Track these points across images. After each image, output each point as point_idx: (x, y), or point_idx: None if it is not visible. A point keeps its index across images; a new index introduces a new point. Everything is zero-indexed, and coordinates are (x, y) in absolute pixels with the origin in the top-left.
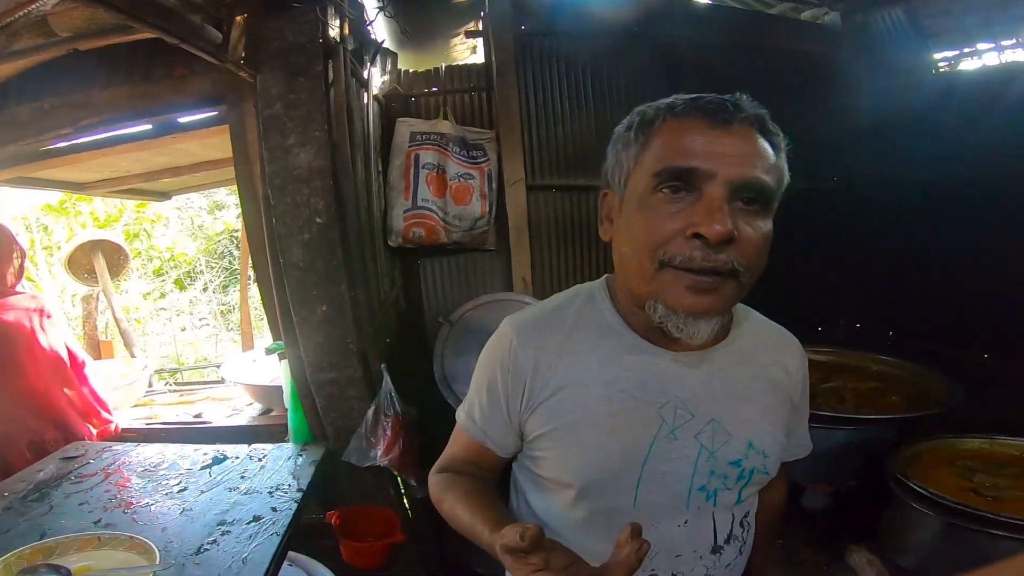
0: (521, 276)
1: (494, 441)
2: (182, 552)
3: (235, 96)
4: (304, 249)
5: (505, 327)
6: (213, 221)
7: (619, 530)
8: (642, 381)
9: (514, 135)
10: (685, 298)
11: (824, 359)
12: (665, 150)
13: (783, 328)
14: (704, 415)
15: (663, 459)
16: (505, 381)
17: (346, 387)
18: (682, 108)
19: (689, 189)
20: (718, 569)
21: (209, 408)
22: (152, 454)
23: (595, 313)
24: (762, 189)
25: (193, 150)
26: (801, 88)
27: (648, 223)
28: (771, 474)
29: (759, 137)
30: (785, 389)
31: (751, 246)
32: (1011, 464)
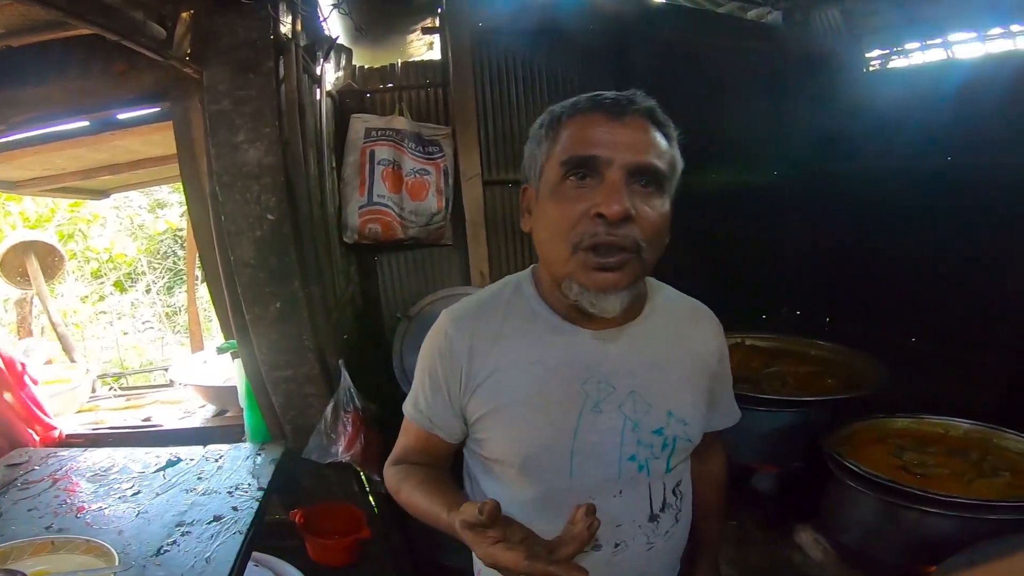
0: (479, 270)
1: (440, 428)
2: (141, 554)
3: (179, 92)
4: (255, 246)
5: (442, 318)
6: (154, 220)
7: (559, 505)
8: (565, 359)
9: (470, 131)
10: (594, 276)
11: (767, 345)
12: (570, 142)
13: (697, 301)
14: (624, 387)
15: (591, 431)
16: (444, 369)
17: (303, 384)
18: (584, 105)
19: (593, 176)
20: (658, 537)
21: (159, 412)
22: (101, 458)
23: (522, 300)
24: (655, 172)
25: (134, 147)
26: (745, 85)
27: (560, 208)
28: (694, 441)
29: (651, 127)
30: (703, 358)
31: (649, 223)
32: (937, 442)
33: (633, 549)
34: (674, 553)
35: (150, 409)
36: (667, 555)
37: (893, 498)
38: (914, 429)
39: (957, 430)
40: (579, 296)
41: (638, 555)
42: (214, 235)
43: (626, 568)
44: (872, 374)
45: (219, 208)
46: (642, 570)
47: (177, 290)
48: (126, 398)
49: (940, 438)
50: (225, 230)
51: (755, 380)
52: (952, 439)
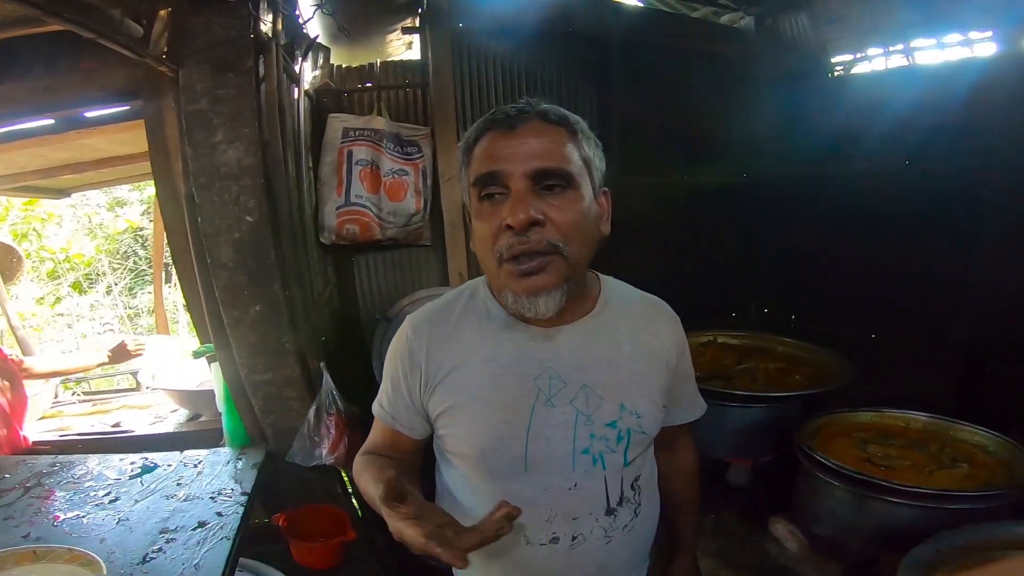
0: (457, 271)
1: (401, 424)
2: (126, 562)
3: (152, 91)
4: (234, 248)
5: (404, 323)
6: (114, 219)
7: (517, 498)
8: (517, 356)
9: (449, 131)
10: (522, 283)
11: (738, 342)
12: (476, 164)
13: (655, 297)
14: (576, 382)
15: (544, 425)
16: (404, 369)
17: (283, 388)
18: (482, 126)
19: (501, 191)
20: (616, 531)
21: (128, 417)
22: (74, 465)
23: (478, 302)
24: (555, 172)
25: (100, 145)
26: (718, 88)
27: (482, 227)
28: (649, 434)
29: (548, 129)
30: (659, 352)
31: (561, 222)
32: (898, 435)
33: (591, 543)
34: (636, 547)
35: (118, 414)
36: (628, 549)
37: (861, 489)
38: (877, 422)
39: (916, 423)
40: (515, 304)
41: (597, 549)
42: (189, 237)
43: (586, 562)
44: (836, 370)
45: (195, 209)
46: (602, 564)
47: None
48: (92, 403)
49: (901, 431)
50: (202, 232)
51: (727, 376)
52: (912, 432)
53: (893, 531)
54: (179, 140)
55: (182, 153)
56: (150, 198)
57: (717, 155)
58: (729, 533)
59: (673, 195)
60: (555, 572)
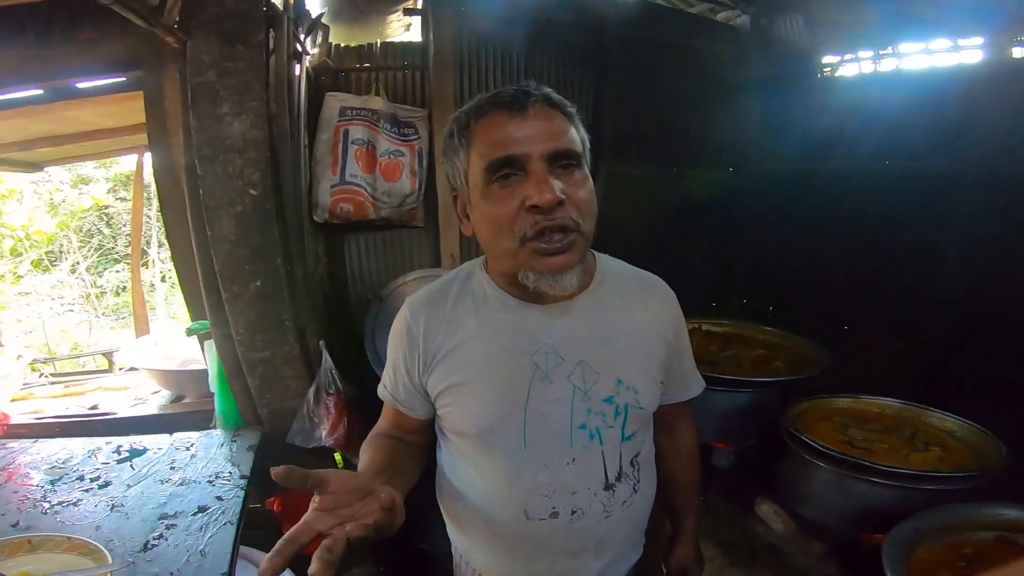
0: (449, 252)
1: (402, 403)
2: (127, 550)
3: (154, 62)
4: (236, 222)
5: (403, 306)
6: (78, 196)
7: (518, 473)
8: (515, 334)
9: (447, 114)
10: (547, 262)
11: (722, 330)
12: (485, 147)
13: (650, 274)
14: (573, 358)
15: (542, 401)
16: (404, 351)
17: (282, 366)
18: (487, 107)
19: (517, 171)
20: (615, 506)
21: (105, 399)
22: (56, 449)
23: (474, 284)
24: (569, 153)
25: (85, 118)
26: (710, 84)
27: (495, 209)
28: (647, 409)
29: (553, 112)
30: (655, 328)
31: (580, 200)
32: (874, 420)
33: (590, 517)
34: (634, 524)
35: (94, 396)
36: (626, 525)
37: (845, 470)
38: (854, 408)
39: (891, 409)
40: (537, 282)
41: (595, 523)
42: (188, 210)
43: (585, 537)
44: (813, 357)
45: (196, 182)
46: (601, 538)
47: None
48: (64, 385)
49: (876, 416)
50: (203, 204)
51: (714, 363)
52: (887, 417)
53: (874, 511)
54: (181, 112)
55: (184, 125)
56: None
57: (706, 149)
58: (717, 514)
59: (662, 186)
60: (555, 547)
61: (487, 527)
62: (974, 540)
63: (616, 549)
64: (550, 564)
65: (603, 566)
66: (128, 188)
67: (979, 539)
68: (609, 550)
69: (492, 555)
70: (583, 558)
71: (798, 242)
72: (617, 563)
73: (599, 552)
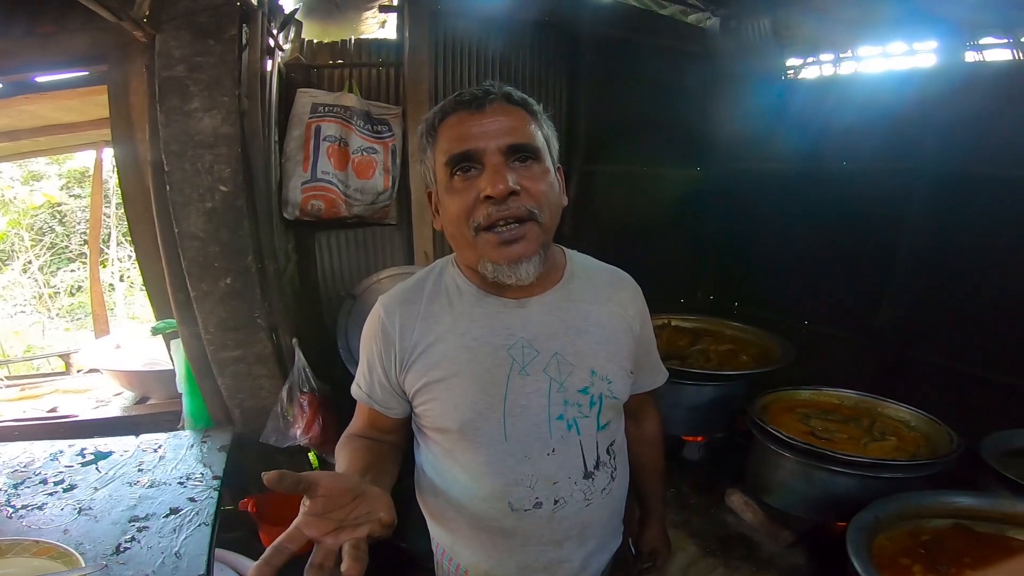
0: (423, 250)
1: (378, 403)
2: (98, 554)
3: (119, 56)
4: (206, 218)
5: (376, 304)
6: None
7: (501, 465)
8: (490, 328)
9: (421, 111)
10: (500, 251)
11: (691, 326)
12: (447, 143)
13: (617, 269)
14: (548, 350)
15: (520, 394)
16: (379, 349)
17: (254, 365)
18: (450, 107)
19: (476, 166)
20: (595, 494)
21: (64, 401)
22: (16, 453)
23: (447, 280)
24: (524, 147)
25: (43, 112)
26: (681, 85)
27: (455, 202)
28: (620, 398)
29: (512, 109)
30: (623, 319)
31: (534, 190)
32: (835, 411)
33: (572, 506)
34: (614, 510)
35: (52, 399)
36: (606, 511)
37: (808, 460)
38: (816, 399)
39: (849, 400)
40: (496, 272)
41: (577, 512)
42: (154, 206)
43: (567, 525)
44: (777, 351)
45: (164, 178)
46: (583, 526)
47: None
48: (20, 388)
49: (836, 407)
50: (171, 200)
51: (683, 357)
52: (846, 408)
53: (836, 499)
54: (147, 107)
55: (151, 120)
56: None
57: (675, 148)
58: (689, 505)
59: (633, 184)
60: (541, 537)
61: (472, 522)
62: (932, 527)
63: (598, 536)
64: (537, 555)
65: (587, 554)
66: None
67: (937, 526)
68: (592, 537)
69: (478, 550)
70: (567, 546)
71: (762, 239)
72: (600, 550)
73: (582, 540)
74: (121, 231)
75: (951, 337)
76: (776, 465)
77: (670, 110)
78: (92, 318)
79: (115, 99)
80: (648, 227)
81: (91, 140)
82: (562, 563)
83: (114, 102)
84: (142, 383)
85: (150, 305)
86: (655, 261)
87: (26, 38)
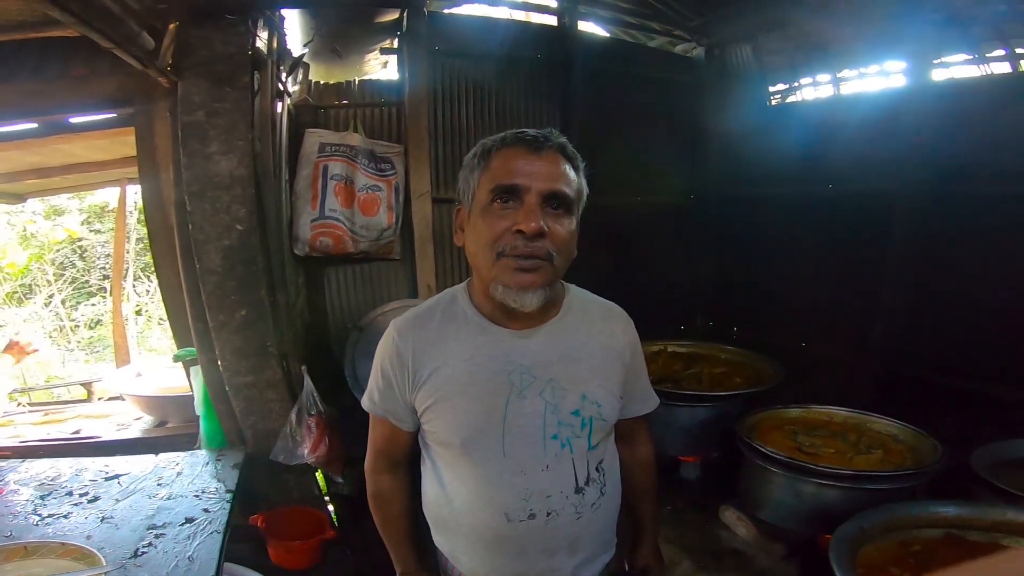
0: (426, 283)
1: (392, 415)
2: (117, 556)
3: (145, 100)
4: (223, 255)
5: (390, 327)
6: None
7: (498, 479)
8: (493, 355)
9: (422, 150)
10: (514, 277)
11: (686, 351)
12: (498, 171)
13: (610, 302)
14: (543, 376)
15: (518, 415)
16: (393, 368)
17: (265, 390)
18: (511, 140)
19: (514, 199)
20: (585, 508)
21: (87, 425)
22: (44, 468)
23: (457, 308)
24: (563, 198)
25: (75, 151)
26: (670, 114)
27: (488, 225)
28: (608, 421)
29: (562, 160)
30: (614, 349)
31: (558, 238)
32: (822, 427)
33: (563, 518)
34: (603, 524)
35: (75, 423)
36: (596, 525)
37: (793, 474)
38: (805, 417)
39: (839, 416)
40: (504, 295)
41: (569, 523)
42: (177, 243)
43: (559, 535)
44: (770, 372)
45: (186, 217)
46: (574, 537)
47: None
48: (43, 413)
49: (825, 424)
50: (192, 238)
51: (677, 380)
52: (835, 424)
53: (824, 511)
54: (171, 149)
55: (174, 161)
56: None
57: (667, 177)
58: (685, 522)
59: (627, 214)
60: (534, 546)
61: (471, 531)
62: (923, 537)
63: (589, 548)
64: (530, 563)
65: (577, 564)
66: (102, 220)
67: (928, 536)
68: (582, 549)
69: (476, 557)
70: (559, 556)
71: (756, 264)
72: (591, 561)
73: (573, 550)
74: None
75: (943, 353)
76: (765, 480)
77: (661, 140)
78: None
79: (142, 141)
80: (643, 257)
81: (116, 177)
82: (554, 571)
83: (141, 144)
84: (161, 408)
85: (172, 334)
86: (652, 289)
87: (59, 80)
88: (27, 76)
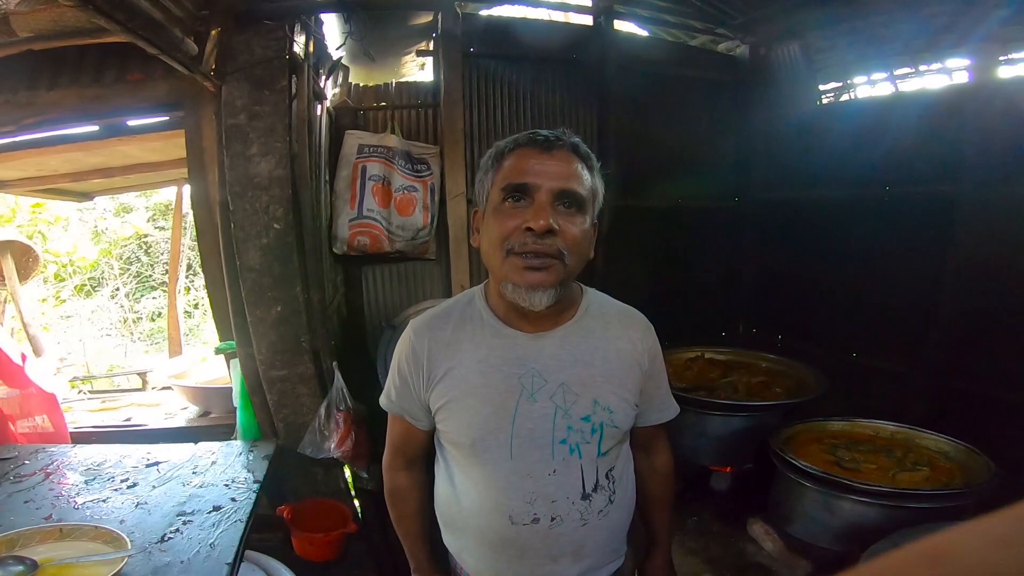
0: (460, 283)
1: (408, 413)
2: (145, 540)
3: (193, 103)
4: (261, 253)
5: (408, 327)
6: (120, 225)
7: (505, 482)
8: (506, 357)
9: (457, 151)
10: (524, 275)
11: (724, 358)
12: (510, 171)
13: (631, 307)
14: (555, 380)
15: (527, 418)
16: (409, 367)
17: (297, 384)
18: (523, 140)
19: (525, 198)
20: (591, 515)
21: (138, 413)
22: (92, 454)
23: (472, 310)
24: (575, 196)
25: (132, 152)
26: (713, 115)
27: (499, 223)
28: (621, 428)
29: (575, 159)
30: (632, 356)
31: (570, 236)
32: (866, 442)
33: (568, 524)
34: (611, 532)
35: (128, 411)
36: (603, 533)
37: (827, 489)
38: (848, 431)
39: (885, 431)
40: (514, 294)
41: (573, 530)
42: (220, 241)
43: (563, 542)
44: (813, 383)
45: (228, 215)
46: (578, 544)
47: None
48: (101, 400)
49: (870, 439)
50: (233, 237)
51: (711, 388)
52: (880, 439)
53: (858, 529)
54: (216, 150)
55: (218, 163)
56: (157, 205)
57: (710, 180)
58: (710, 533)
59: (668, 218)
60: (537, 550)
61: (477, 531)
62: None
63: (594, 555)
64: (533, 567)
65: (582, 571)
66: (166, 217)
67: None
68: (587, 556)
69: (481, 558)
70: (562, 562)
71: (803, 270)
72: (595, 569)
73: (577, 557)
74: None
75: (1003, 367)
76: (797, 494)
77: (703, 141)
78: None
79: (191, 143)
80: (684, 260)
81: (173, 177)
82: None
83: (190, 146)
84: (205, 398)
85: (216, 328)
86: (692, 294)
87: (117, 84)
88: (88, 81)
